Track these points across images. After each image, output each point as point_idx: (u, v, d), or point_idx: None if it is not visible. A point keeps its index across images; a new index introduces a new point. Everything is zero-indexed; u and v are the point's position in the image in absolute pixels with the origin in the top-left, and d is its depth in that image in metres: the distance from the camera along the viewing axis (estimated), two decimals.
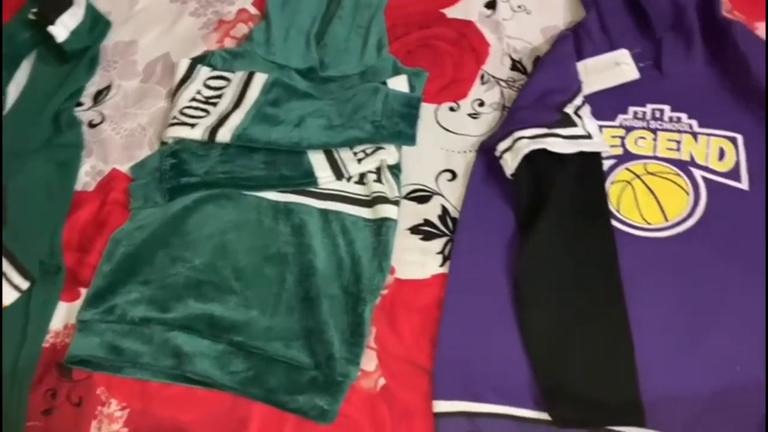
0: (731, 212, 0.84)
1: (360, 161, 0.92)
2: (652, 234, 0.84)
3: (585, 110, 0.92)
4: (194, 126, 0.95)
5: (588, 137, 0.88)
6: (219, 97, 0.99)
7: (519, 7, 1.10)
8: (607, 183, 0.88)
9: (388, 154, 0.92)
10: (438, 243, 0.88)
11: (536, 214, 0.84)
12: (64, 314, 0.86)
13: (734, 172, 0.87)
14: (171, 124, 0.96)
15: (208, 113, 0.97)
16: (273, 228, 0.90)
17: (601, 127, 0.93)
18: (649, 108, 0.94)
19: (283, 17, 1.07)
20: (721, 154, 0.89)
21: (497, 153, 0.88)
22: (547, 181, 0.87)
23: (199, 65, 1.03)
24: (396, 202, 0.89)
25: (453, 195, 0.91)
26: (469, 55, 1.05)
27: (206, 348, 0.81)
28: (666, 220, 0.84)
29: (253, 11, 1.12)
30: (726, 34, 0.95)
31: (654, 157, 0.90)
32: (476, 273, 0.84)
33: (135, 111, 1.03)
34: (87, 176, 0.98)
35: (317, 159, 0.93)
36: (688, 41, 0.97)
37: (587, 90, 0.96)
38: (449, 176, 0.93)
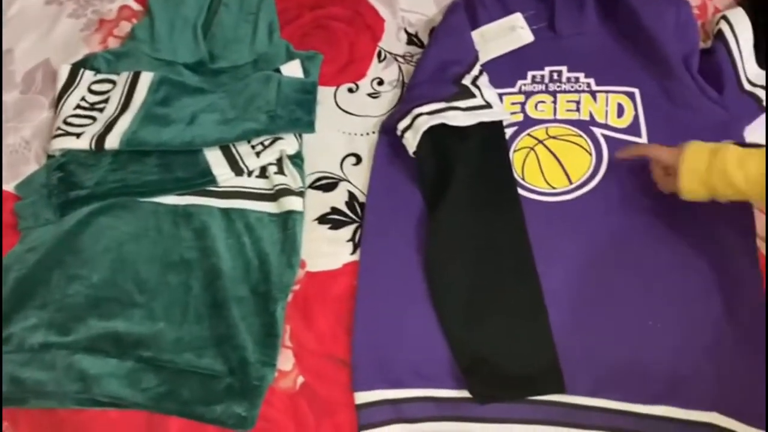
0: (633, 167, 0.85)
1: (259, 154, 0.88)
2: (559, 198, 0.83)
3: (483, 80, 0.91)
4: (80, 135, 0.90)
5: (488, 107, 0.87)
6: (105, 102, 0.94)
7: None
8: (511, 151, 0.87)
9: (288, 144, 0.89)
10: (347, 231, 0.86)
11: (442, 190, 0.83)
12: None
13: (634, 127, 0.88)
14: (55, 136, 0.91)
15: (95, 120, 0.92)
16: (173, 234, 0.86)
17: (501, 95, 0.92)
18: (547, 70, 0.94)
19: (167, 10, 1.02)
20: (620, 111, 0.89)
21: (398, 132, 0.86)
22: (451, 156, 0.85)
23: (82, 69, 0.97)
24: (301, 193, 0.87)
25: (359, 179, 0.89)
26: (365, 33, 1.02)
27: (114, 367, 0.77)
28: (570, 183, 0.84)
29: (136, 7, 1.06)
30: None
31: (555, 120, 0.89)
32: (387, 257, 0.82)
33: (16, 125, 0.97)
34: None
35: (214, 156, 0.89)
36: (580, 0, 0.97)
37: (485, 58, 0.95)
38: (354, 160, 0.91)
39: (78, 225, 0.86)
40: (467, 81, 0.89)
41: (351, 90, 0.97)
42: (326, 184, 0.89)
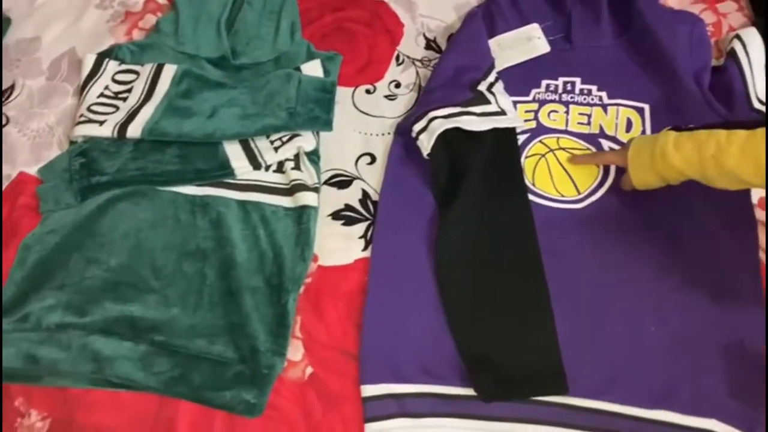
0: None
1: (277, 149, 0.91)
2: (567, 206, 0.85)
3: (498, 87, 0.93)
4: (103, 123, 0.92)
5: (502, 113, 0.89)
6: (128, 92, 0.96)
7: None
8: (522, 157, 0.89)
9: (305, 141, 0.91)
10: (360, 227, 0.87)
11: (454, 192, 0.85)
12: None
13: None
14: (79, 122, 0.93)
15: (118, 109, 0.94)
16: (191, 223, 0.88)
17: (516, 103, 0.94)
18: (561, 81, 0.96)
19: (192, 5, 1.04)
20: (629, 125, 0.91)
21: (413, 134, 0.88)
22: (464, 159, 0.87)
23: (107, 59, 0.99)
24: (316, 189, 0.89)
25: (373, 178, 0.91)
26: (384, 37, 1.04)
27: (127, 350, 0.79)
28: (578, 193, 0.86)
29: (162, 0, 1.09)
30: (632, 6, 0.97)
31: (566, 132, 0.91)
32: (398, 255, 0.84)
33: (41, 110, 0.99)
34: None
35: (233, 149, 0.91)
36: (597, 14, 0.99)
37: (501, 66, 0.97)
38: (368, 160, 0.93)
39: (98, 210, 0.88)
40: (483, 87, 0.91)
41: (368, 91, 0.99)
42: (341, 182, 0.91)
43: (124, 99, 0.95)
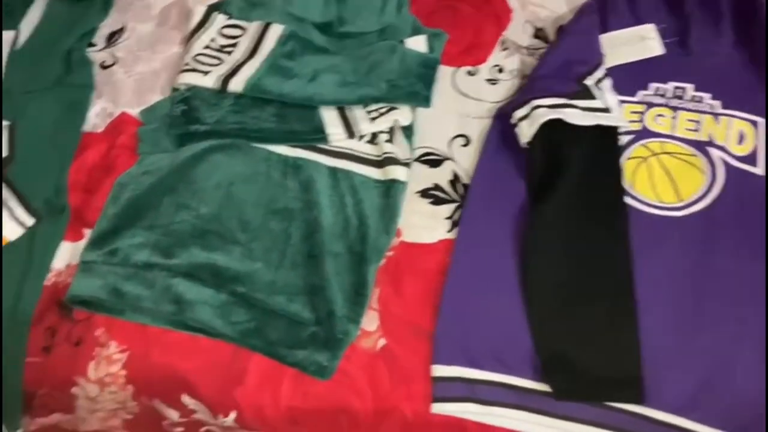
0: (744, 197, 0.83)
1: (373, 120, 0.90)
2: (666, 213, 0.82)
3: (606, 83, 0.90)
4: (207, 73, 0.93)
5: (606, 111, 0.87)
6: (233, 46, 0.97)
7: None
8: (623, 158, 0.87)
9: (402, 115, 0.91)
10: (447, 208, 0.87)
11: (549, 185, 0.83)
12: (68, 254, 0.86)
13: (751, 157, 0.86)
14: (183, 71, 0.94)
15: (222, 62, 0.95)
16: (281, 182, 0.89)
17: (622, 102, 0.91)
18: (671, 86, 0.93)
19: None
20: (741, 138, 0.87)
21: (513, 120, 0.86)
22: (562, 153, 0.85)
23: (215, 12, 1.01)
24: (407, 164, 0.88)
25: (465, 161, 0.90)
26: (491, 20, 1.03)
27: (209, 297, 0.81)
28: (680, 200, 0.83)
29: None
30: (755, 15, 0.93)
31: (671, 137, 0.88)
32: (483, 241, 0.83)
33: (148, 55, 1.02)
34: (96, 118, 0.96)
35: (329, 115, 0.92)
36: (717, 20, 0.95)
37: (610, 63, 0.94)
38: (463, 141, 0.92)
39: (193, 158, 0.89)
40: (590, 82, 0.88)
41: (470, 73, 0.98)
42: (432, 160, 0.91)
43: (229, 53, 0.96)
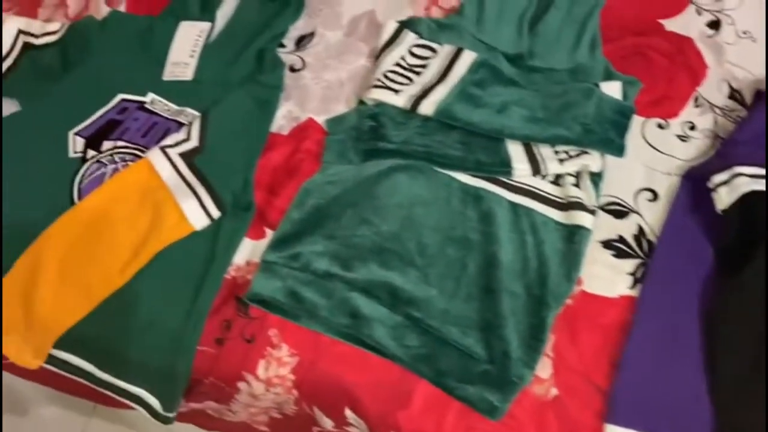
0: None
1: (562, 162, 0.89)
2: None
3: None
4: (398, 92, 0.94)
5: None
6: (423, 68, 0.97)
7: (744, 33, 1.04)
8: None
9: (593, 161, 0.89)
10: (630, 263, 0.85)
11: (744, 256, 0.80)
12: (248, 251, 0.88)
13: None
14: (374, 86, 0.95)
15: (412, 82, 0.96)
16: (461, 211, 0.89)
17: None
18: None
19: None
20: None
21: (711, 185, 0.84)
22: (760, 223, 0.82)
23: (406, 30, 1.01)
24: (593, 212, 0.87)
25: (651, 216, 0.88)
26: (684, 74, 1.00)
27: (384, 316, 0.81)
28: None
29: None
30: None
31: None
32: (667, 304, 0.81)
33: (335, 64, 1.03)
34: (283, 119, 0.98)
35: (516, 150, 0.91)
36: None
37: None
38: (650, 196, 0.90)
39: (378, 174, 0.90)
40: None
41: (661, 126, 0.95)
42: (617, 211, 0.89)
43: (419, 73, 0.97)
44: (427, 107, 0.92)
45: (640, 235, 0.87)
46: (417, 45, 1.00)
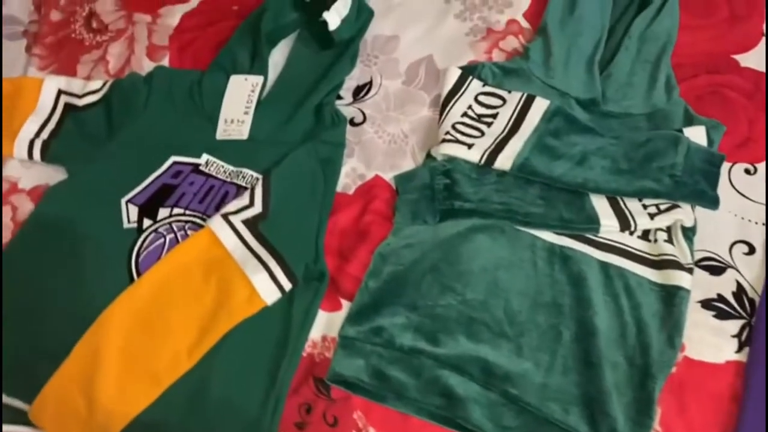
0: None
1: (652, 216, 0.84)
2: None
3: None
4: (471, 146, 0.89)
5: None
6: (493, 117, 0.92)
7: None
8: None
9: (685, 215, 0.84)
10: (733, 324, 0.80)
11: None
12: (324, 324, 0.83)
13: None
14: (445, 140, 0.90)
15: (483, 133, 0.91)
16: (548, 273, 0.84)
17: None
18: None
19: (565, 37, 0.98)
20: None
21: None
22: None
23: (470, 77, 0.96)
24: (690, 270, 0.81)
25: (750, 272, 0.83)
26: (765, 112, 0.95)
27: (477, 394, 0.76)
28: None
29: (524, 24, 1.04)
30: None
31: None
32: None
33: (397, 115, 0.98)
34: (347, 178, 0.93)
35: (601, 204, 0.85)
36: None
37: None
38: (745, 249, 0.84)
39: (457, 236, 0.85)
40: None
41: (748, 171, 0.90)
42: (712, 267, 0.84)
43: (489, 124, 0.92)
44: (504, 162, 0.87)
45: (741, 293, 0.81)
46: (483, 93, 0.95)
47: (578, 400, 0.76)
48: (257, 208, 0.86)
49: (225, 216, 0.85)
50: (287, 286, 0.82)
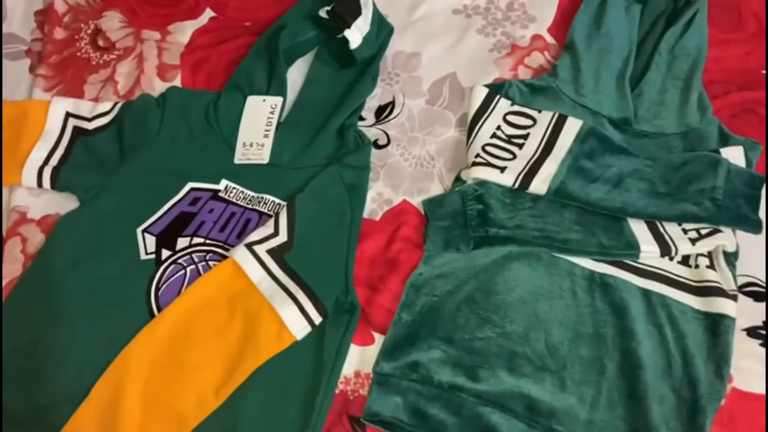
0: None
1: (693, 242, 0.81)
2: None
3: None
4: (504, 170, 0.86)
5: None
6: (524, 138, 0.89)
7: None
8: None
9: (727, 240, 0.81)
10: None
11: None
12: (357, 359, 0.80)
13: None
14: (476, 163, 0.87)
15: (515, 156, 0.87)
16: (588, 302, 0.81)
17: None
18: None
19: (593, 54, 0.95)
20: None
21: None
22: None
23: (498, 96, 0.93)
24: (734, 297, 0.79)
25: None
26: None
27: None
28: None
29: (550, 39, 1.01)
30: None
31: None
32: None
33: (423, 137, 0.94)
34: (373, 203, 0.89)
35: (640, 229, 0.83)
36: None
37: None
38: None
39: (493, 265, 0.82)
40: None
41: None
42: (756, 293, 0.81)
43: (520, 146, 0.88)
44: (539, 186, 0.84)
45: None
46: (512, 112, 0.92)
47: None
48: (282, 237, 0.82)
49: (249, 246, 0.81)
50: (317, 320, 0.78)
